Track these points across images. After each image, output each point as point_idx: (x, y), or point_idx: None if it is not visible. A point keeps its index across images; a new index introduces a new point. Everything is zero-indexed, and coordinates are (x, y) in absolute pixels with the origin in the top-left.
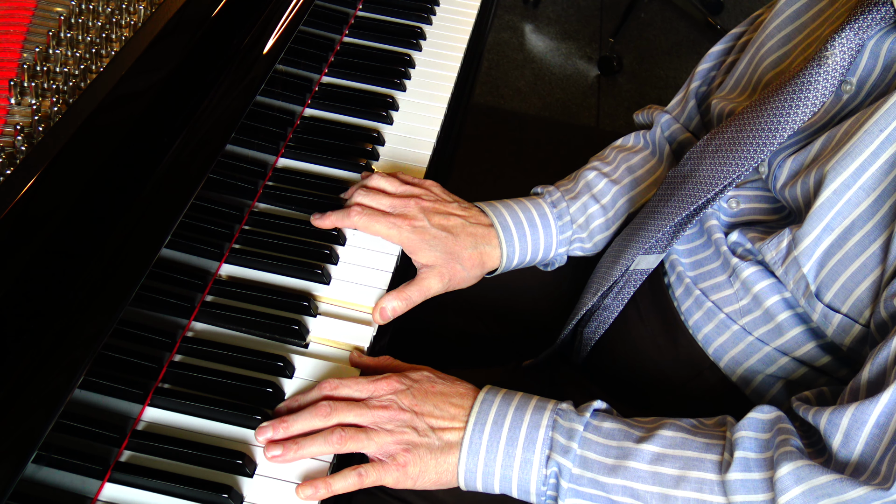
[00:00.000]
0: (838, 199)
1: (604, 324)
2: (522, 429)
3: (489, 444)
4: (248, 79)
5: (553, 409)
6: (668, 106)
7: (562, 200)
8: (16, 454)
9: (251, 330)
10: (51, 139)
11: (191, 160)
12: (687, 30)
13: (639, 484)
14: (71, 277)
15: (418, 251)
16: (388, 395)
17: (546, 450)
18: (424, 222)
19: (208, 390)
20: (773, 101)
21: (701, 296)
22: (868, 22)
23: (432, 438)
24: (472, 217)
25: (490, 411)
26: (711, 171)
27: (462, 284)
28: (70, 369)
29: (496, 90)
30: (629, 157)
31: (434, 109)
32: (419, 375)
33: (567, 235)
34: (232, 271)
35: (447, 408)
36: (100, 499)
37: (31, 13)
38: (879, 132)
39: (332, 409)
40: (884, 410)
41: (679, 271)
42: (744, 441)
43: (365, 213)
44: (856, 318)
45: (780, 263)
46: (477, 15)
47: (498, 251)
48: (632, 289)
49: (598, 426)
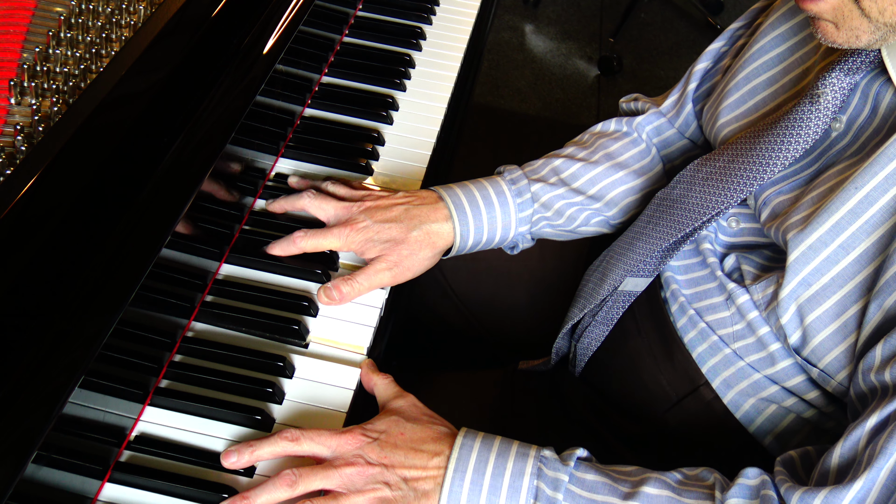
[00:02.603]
0: (814, 254)
1: (596, 340)
2: (506, 476)
3: (470, 494)
4: (248, 79)
5: (536, 457)
6: (662, 106)
7: (522, 178)
8: (16, 454)
9: (251, 330)
10: (51, 139)
11: (191, 160)
12: (687, 30)
13: None
14: (71, 277)
15: (365, 250)
16: (353, 452)
17: (531, 499)
18: (367, 222)
19: (208, 390)
20: (765, 136)
21: (695, 315)
22: (857, 63)
23: (405, 491)
24: (415, 199)
25: (470, 458)
26: (701, 198)
27: (414, 268)
28: (70, 369)
29: (496, 90)
30: (608, 144)
31: (434, 109)
32: (386, 424)
33: (527, 214)
34: (232, 271)
35: (418, 457)
36: (100, 499)
37: (31, 13)
38: (856, 189)
39: (297, 476)
40: (856, 497)
41: (674, 289)
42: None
43: (307, 234)
44: (833, 375)
45: (763, 308)
46: (477, 15)
47: (448, 226)
48: (620, 309)
49: (581, 478)
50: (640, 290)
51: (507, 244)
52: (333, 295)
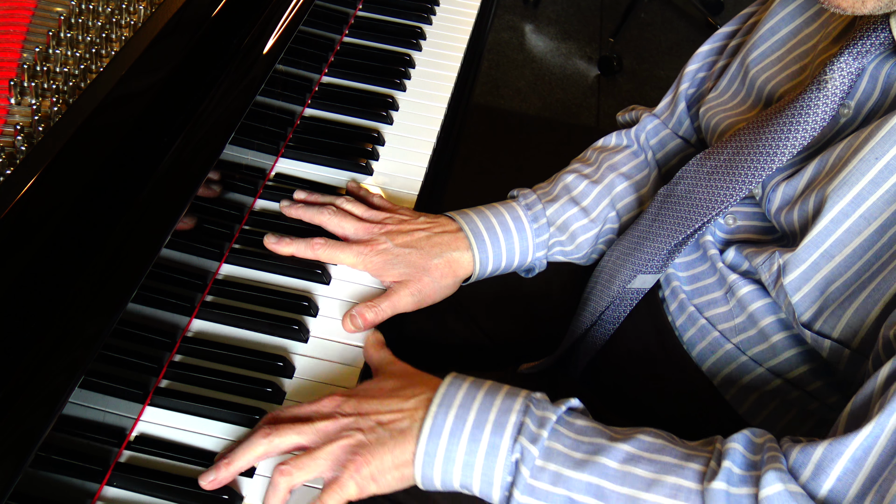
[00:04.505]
0: (836, 227)
1: (601, 339)
2: (492, 412)
3: (454, 427)
4: (248, 79)
5: (526, 396)
6: (656, 108)
7: (537, 203)
8: (16, 454)
9: (251, 330)
10: (51, 139)
11: (191, 160)
12: (687, 30)
13: (606, 482)
14: (71, 277)
15: (384, 272)
16: (330, 409)
17: (515, 433)
18: (388, 244)
19: (208, 390)
20: (771, 125)
21: (695, 312)
22: (867, 46)
23: (381, 432)
24: (436, 227)
25: (457, 394)
26: (708, 193)
27: (435, 296)
28: (70, 369)
29: (496, 90)
30: (611, 157)
31: (434, 109)
32: (368, 383)
33: (544, 239)
34: (232, 271)
35: (395, 402)
36: (100, 499)
37: (31, 13)
38: (876, 160)
39: (271, 429)
40: (862, 444)
41: (674, 286)
42: (734, 453)
43: (328, 244)
44: (848, 343)
45: (772, 286)
46: (477, 15)
47: (468, 256)
48: (628, 307)
49: (571, 422)
50: (649, 286)
51: (523, 269)
52: (358, 323)
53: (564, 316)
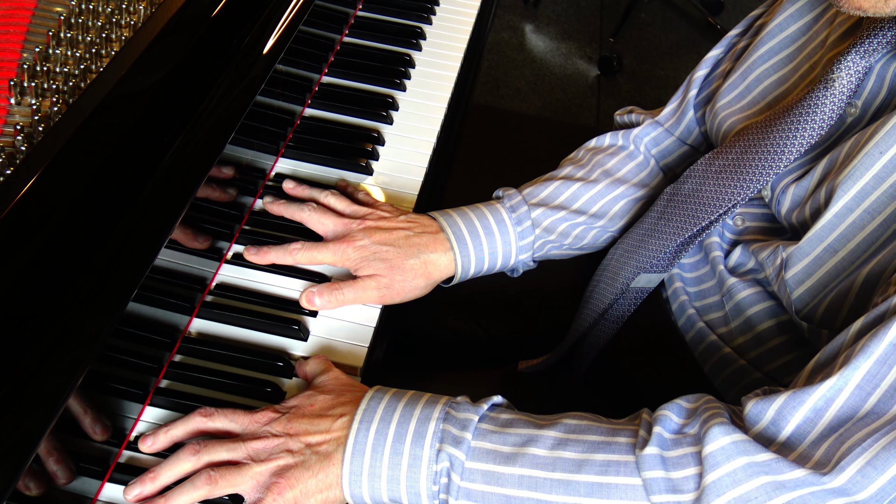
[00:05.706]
0: (840, 221)
1: (604, 338)
2: (412, 423)
3: (375, 443)
4: (248, 79)
5: (446, 403)
6: (660, 115)
7: (522, 204)
8: (16, 454)
9: (251, 330)
10: (51, 139)
11: (191, 160)
12: (687, 30)
13: (538, 471)
14: (71, 277)
15: (360, 268)
16: (262, 427)
17: (437, 443)
18: (365, 241)
19: (208, 390)
20: (778, 124)
21: (694, 314)
22: (874, 45)
23: (307, 455)
24: (416, 226)
25: (378, 408)
26: (715, 192)
27: (404, 294)
28: (70, 369)
29: (496, 90)
30: (604, 161)
31: (434, 109)
32: (298, 399)
33: (528, 241)
34: (232, 271)
35: (322, 422)
36: (100, 499)
37: (31, 13)
38: (880, 154)
39: (201, 446)
40: (825, 395)
41: (676, 287)
42: (665, 419)
43: (304, 247)
44: None
45: (774, 280)
46: (477, 15)
47: (446, 258)
48: (632, 306)
49: (495, 417)
50: (653, 286)
51: (507, 269)
52: (315, 301)
53: (565, 314)
